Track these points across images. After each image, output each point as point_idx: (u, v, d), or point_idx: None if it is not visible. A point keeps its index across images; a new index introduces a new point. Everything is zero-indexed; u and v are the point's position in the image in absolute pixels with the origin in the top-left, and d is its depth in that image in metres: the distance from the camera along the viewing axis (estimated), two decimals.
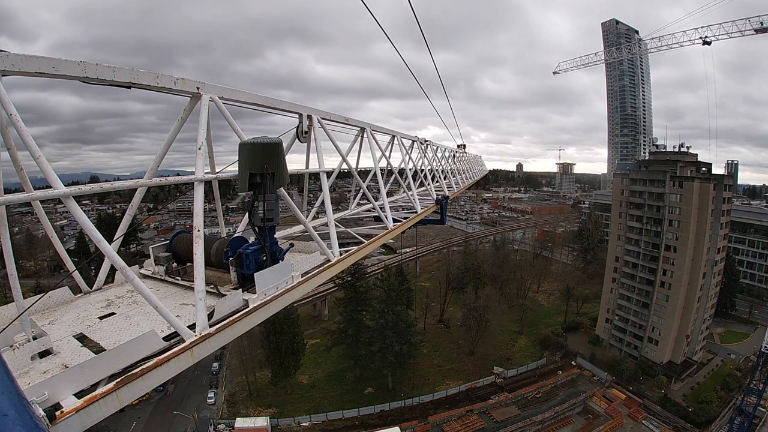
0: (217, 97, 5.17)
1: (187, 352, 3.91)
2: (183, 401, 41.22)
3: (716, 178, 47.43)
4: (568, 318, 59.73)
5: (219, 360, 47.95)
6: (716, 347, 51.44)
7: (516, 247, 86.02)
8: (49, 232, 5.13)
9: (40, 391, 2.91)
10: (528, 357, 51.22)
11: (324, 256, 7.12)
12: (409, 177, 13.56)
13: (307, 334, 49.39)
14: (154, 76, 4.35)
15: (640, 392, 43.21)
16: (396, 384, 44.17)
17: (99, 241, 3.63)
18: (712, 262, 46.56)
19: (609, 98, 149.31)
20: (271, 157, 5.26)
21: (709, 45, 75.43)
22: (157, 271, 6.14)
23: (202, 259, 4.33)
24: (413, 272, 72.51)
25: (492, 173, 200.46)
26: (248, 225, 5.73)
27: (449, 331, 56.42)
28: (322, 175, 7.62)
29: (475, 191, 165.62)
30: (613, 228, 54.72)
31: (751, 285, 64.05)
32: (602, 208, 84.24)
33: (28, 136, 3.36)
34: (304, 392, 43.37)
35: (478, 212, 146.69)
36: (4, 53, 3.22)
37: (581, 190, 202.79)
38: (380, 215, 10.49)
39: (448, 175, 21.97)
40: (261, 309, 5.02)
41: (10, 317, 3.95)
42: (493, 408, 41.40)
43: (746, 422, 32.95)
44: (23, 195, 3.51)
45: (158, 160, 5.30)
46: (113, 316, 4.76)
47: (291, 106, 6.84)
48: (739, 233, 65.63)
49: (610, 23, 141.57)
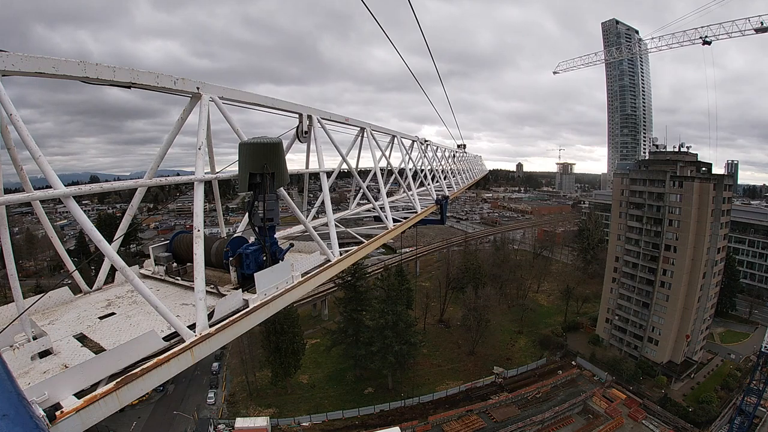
0: (217, 97, 5.17)
1: (187, 352, 3.92)
2: (183, 401, 41.22)
3: (716, 178, 47.44)
4: (568, 318, 59.71)
5: (219, 360, 47.95)
6: (716, 347, 51.42)
7: (516, 247, 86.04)
8: (49, 232, 5.13)
9: (40, 391, 2.91)
10: (528, 357, 51.21)
11: (324, 256, 7.12)
12: (409, 177, 13.56)
13: (307, 334, 49.42)
14: (154, 76, 4.35)
15: (640, 392, 43.20)
16: (396, 384, 44.16)
17: (99, 241, 3.64)
18: (712, 262, 46.55)
19: (609, 98, 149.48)
20: (271, 157, 5.26)
21: (709, 45, 75.48)
22: (157, 271, 6.14)
23: (202, 259, 4.33)
24: (413, 272, 72.51)
25: (492, 173, 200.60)
26: (248, 225, 5.73)
27: (449, 331, 56.40)
28: (322, 175, 7.62)
29: (475, 191, 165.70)
30: (613, 228, 54.72)
31: (751, 285, 64.03)
32: (602, 208, 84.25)
33: (28, 136, 3.36)
34: (304, 392, 43.37)
35: (478, 212, 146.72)
36: (4, 53, 3.22)
37: (581, 190, 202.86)
38: (380, 215, 10.49)
39: (448, 175, 21.97)
40: (261, 309, 5.02)
41: (10, 317, 3.95)
42: (493, 408, 41.40)
43: (746, 422, 32.95)
44: (23, 195, 3.51)
45: (158, 160, 5.30)
46: (113, 316, 4.76)
47: (291, 106, 6.84)
48: (739, 233, 65.62)
49: (610, 23, 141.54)
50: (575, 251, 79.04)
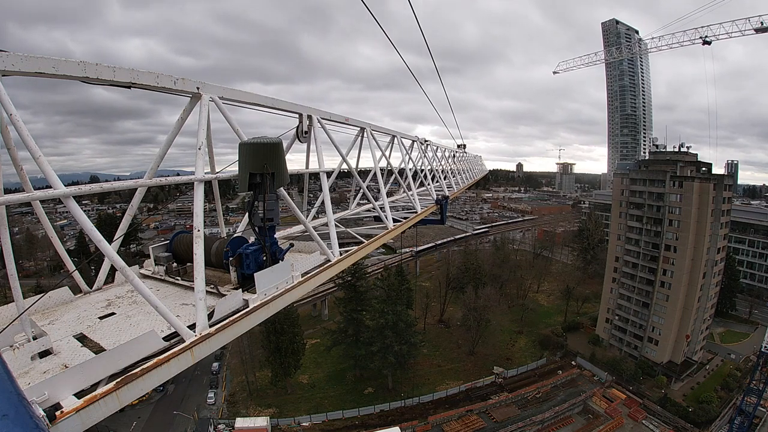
0: (217, 97, 5.17)
1: (187, 352, 3.92)
2: (183, 401, 41.22)
3: (716, 178, 47.45)
4: (568, 318, 59.72)
5: (219, 360, 47.95)
6: (716, 347, 51.41)
7: (516, 247, 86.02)
8: (49, 232, 5.13)
9: (40, 391, 2.91)
10: (528, 357, 51.21)
11: (324, 256, 7.12)
12: (409, 177, 13.57)
13: (307, 334, 49.41)
14: (154, 76, 4.35)
15: (640, 392, 43.20)
16: (396, 384, 44.16)
17: (99, 241, 3.64)
18: (712, 262, 46.55)
19: (609, 98, 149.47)
20: (271, 157, 5.26)
21: (709, 45, 75.50)
22: (157, 271, 6.14)
23: (202, 259, 4.33)
24: (413, 272, 72.51)
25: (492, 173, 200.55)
26: (248, 225, 5.73)
27: (449, 331, 56.39)
28: (322, 175, 7.62)
29: (475, 191, 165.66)
30: (613, 228, 54.70)
31: (751, 285, 64.01)
32: (602, 208, 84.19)
33: (28, 136, 3.36)
34: (304, 392, 43.36)
35: (478, 212, 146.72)
36: (4, 53, 3.22)
37: (581, 190, 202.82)
38: (380, 215, 10.49)
39: (448, 175, 21.97)
40: (261, 309, 5.02)
41: (10, 317, 3.95)
42: (493, 408, 41.40)
43: (746, 422, 32.95)
44: (23, 195, 3.51)
45: (158, 160, 5.30)
46: (113, 316, 4.76)
47: (291, 106, 6.84)
48: (739, 233, 65.61)
49: (610, 23, 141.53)
50: (575, 251, 79.01)
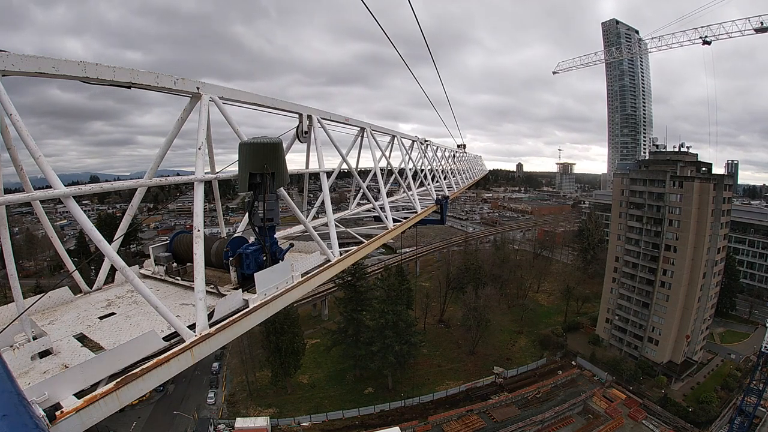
0: (217, 97, 5.17)
1: (187, 352, 3.92)
2: (183, 401, 41.21)
3: (716, 178, 47.42)
4: (568, 318, 59.70)
5: (219, 360, 47.95)
6: (716, 347, 51.41)
7: (516, 247, 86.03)
8: (49, 232, 5.12)
9: (40, 391, 2.91)
10: (528, 357, 51.20)
11: (324, 256, 7.12)
12: (409, 177, 13.56)
13: (307, 334, 49.40)
14: (154, 76, 4.35)
15: (640, 392, 43.20)
16: (396, 384, 44.16)
17: (99, 241, 3.64)
18: (712, 262, 46.54)
19: (609, 98, 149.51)
20: (271, 157, 5.26)
21: (709, 45, 75.52)
22: (157, 271, 6.14)
23: (202, 259, 4.33)
24: (413, 272, 72.50)
25: (492, 173, 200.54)
26: (248, 225, 5.73)
27: (449, 331, 56.39)
28: (322, 175, 7.62)
29: (475, 191, 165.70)
30: (613, 228, 54.70)
31: (751, 285, 63.97)
32: (602, 208, 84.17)
33: (28, 136, 3.36)
34: (304, 392, 43.36)
35: (478, 212, 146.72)
36: (4, 53, 3.22)
37: (581, 190, 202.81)
38: (380, 215, 10.49)
39: (448, 175, 21.96)
40: (261, 309, 5.02)
41: (10, 317, 3.95)
42: (493, 408, 41.40)
43: (746, 422, 32.93)
44: (23, 195, 3.51)
45: (158, 160, 5.30)
46: (113, 316, 4.76)
47: (291, 106, 6.84)
48: (739, 233, 65.57)
49: (610, 23, 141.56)
50: (575, 251, 79.03)
